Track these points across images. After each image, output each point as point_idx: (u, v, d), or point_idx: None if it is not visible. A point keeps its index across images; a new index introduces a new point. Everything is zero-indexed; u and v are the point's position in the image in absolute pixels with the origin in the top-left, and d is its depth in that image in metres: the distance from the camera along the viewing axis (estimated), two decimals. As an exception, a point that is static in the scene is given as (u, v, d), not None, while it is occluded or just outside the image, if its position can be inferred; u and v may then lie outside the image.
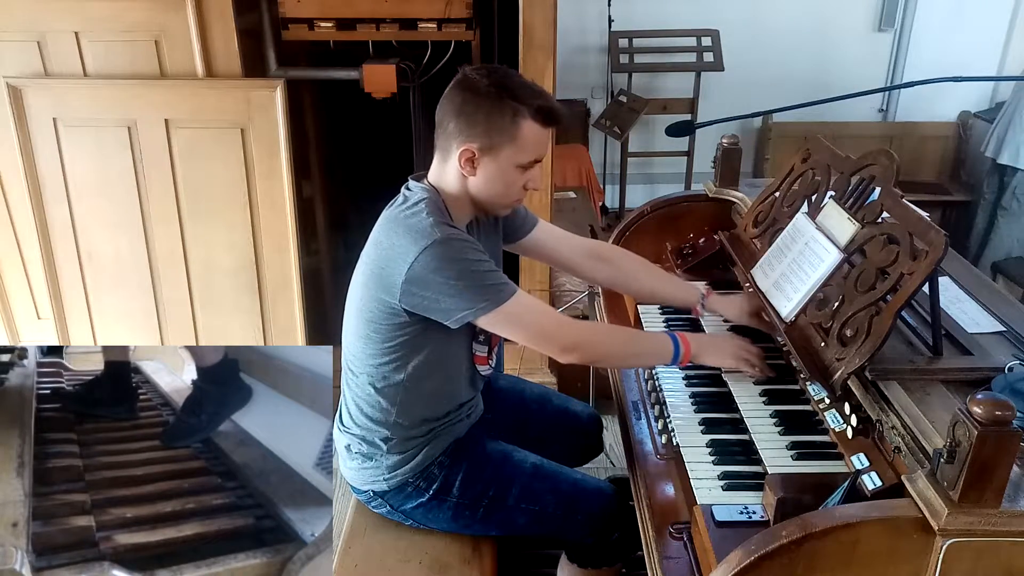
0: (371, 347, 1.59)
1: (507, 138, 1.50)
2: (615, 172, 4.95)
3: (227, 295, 2.86)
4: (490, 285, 1.50)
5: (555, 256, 1.89)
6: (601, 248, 1.94)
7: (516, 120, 1.49)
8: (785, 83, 4.40)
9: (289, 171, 2.69)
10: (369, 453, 1.67)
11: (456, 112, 1.52)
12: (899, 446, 1.26)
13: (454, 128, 1.52)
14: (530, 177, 1.57)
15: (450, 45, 2.71)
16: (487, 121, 1.50)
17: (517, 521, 1.69)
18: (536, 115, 1.50)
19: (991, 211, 4.12)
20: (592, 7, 4.64)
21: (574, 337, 1.59)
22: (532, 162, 1.55)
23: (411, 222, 1.51)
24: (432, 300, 1.48)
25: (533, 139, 1.52)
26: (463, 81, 1.53)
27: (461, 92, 1.52)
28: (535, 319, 1.57)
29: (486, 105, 1.49)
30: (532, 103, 1.50)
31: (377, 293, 1.53)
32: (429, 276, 1.46)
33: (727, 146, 2.16)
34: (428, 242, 1.46)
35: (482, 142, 1.51)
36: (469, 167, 1.53)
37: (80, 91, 2.62)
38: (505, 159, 1.52)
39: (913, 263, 1.35)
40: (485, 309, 1.49)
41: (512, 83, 1.52)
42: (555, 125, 1.57)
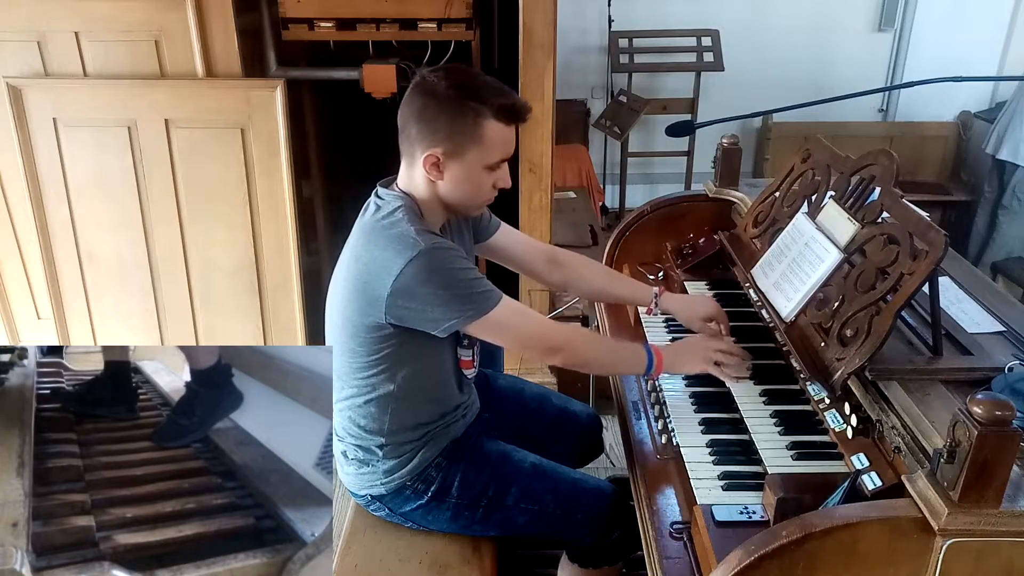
0: (357, 361, 1.58)
1: (471, 140, 1.48)
2: (615, 172, 4.96)
3: (227, 295, 2.86)
4: (477, 293, 1.49)
5: (515, 259, 1.89)
6: (556, 253, 1.94)
7: (479, 121, 1.47)
8: (785, 83, 4.41)
9: (289, 171, 2.69)
10: (365, 459, 1.67)
11: (416, 117, 1.49)
12: (899, 446, 1.26)
13: (416, 134, 1.49)
14: (499, 176, 1.55)
15: (450, 45, 2.71)
16: (449, 125, 1.47)
17: (516, 521, 1.68)
18: (499, 114, 1.48)
19: (992, 211, 4.12)
20: (592, 7, 4.64)
21: (557, 341, 1.61)
22: (499, 161, 1.53)
23: (393, 233, 1.48)
24: (419, 311, 1.48)
25: (498, 138, 1.50)
26: (421, 85, 1.50)
27: (420, 96, 1.49)
28: (520, 323, 1.58)
29: (447, 109, 1.46)
30: (494, 102, 1.47)
31: (360, 307, 1.52)
32: (416, 288, 1.45)
33: (727, 146, 2.16)
34: (414, 253, 1.44)
35: (445, 146, 1.48)
36: (435, 172, 1.51)
37: (80, 91, 2.62)
38: (471, 161, 1.50)
39: (913, 263, 1.35)
40: (472, 317, 1.49)
41: (472, 83, 1.49)
42: (519, 122, 1.54)
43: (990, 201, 4.14)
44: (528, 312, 1.66)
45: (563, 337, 1.64)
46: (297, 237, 2.78)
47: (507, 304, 1.54)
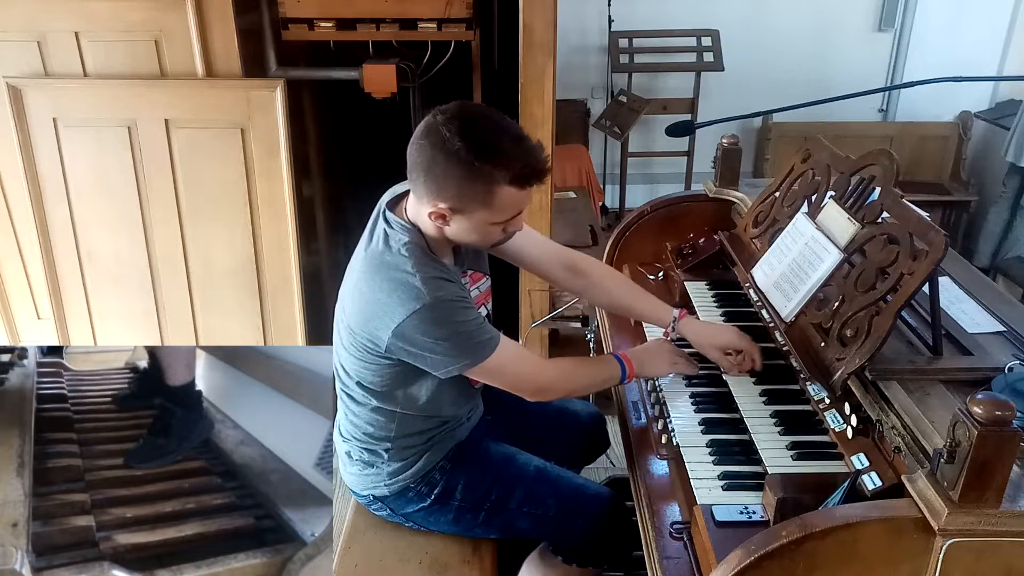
0: (365, 379, 1.59)
1: (480, 204, 1.42)
2: (615, 172, 4.95)
3: (227, 295, 2.86)
4: (476, 343, 1.49)
5: (530, 262, 1.83)
6: (578, 259, 1.86)
7: (491, 188, 1.39)
8: (785, 83, 4.40)
9: (289, 171, 2.69)
10: (370, 460, 1.67)
11: (425, 170, 1.41)
12: (899, 446, 1.26)
13: (423, 185, 1.43)
14: (511, 224, 1.50)
15: (450, 45, 2.71)
16: (459, 187, 1.40)
17: (518, 524, 1.69)
18: (514, 181, 1.40)
19: (1011, 209, 4.08)
20: (592, 7, 4.64)
21: (545, 382, 1.64)
22: (510, 219, 1.48)
23: (397, 277, 1.45)
24: (418, 356, 1.48)
25: (509, 202, 1.43)
26: (434, 135, 1.39)
27: (431, 149, 1.39)
28: (514, 369, 1.59)
29: (457, 171, 1.38)
30: (510, 168, 1.38)
31: (364, 338, 1.51)
32: (416, 337, 1.44)
33: (727, 146, 2.16)
34: (416, 306, 1.41)
35: (452, 204, 1.42)
36: (441, 221, 1.46)
37: (80, 91, 2.62)
38: (478, 220, 1.45)
39: (913, 263, 1.35)
40: (469, 365, 1.50)
41: (489, 144, 1.38)
42: (536, 184, 1.45)
43: (1007, 200, 4.10)
44: (523, 356, 1.67)
45: (550, 378, 1.65)
46: (297, 237, 2.78)
47: (503, 350, 1.53)
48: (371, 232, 1.55)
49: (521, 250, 1.79)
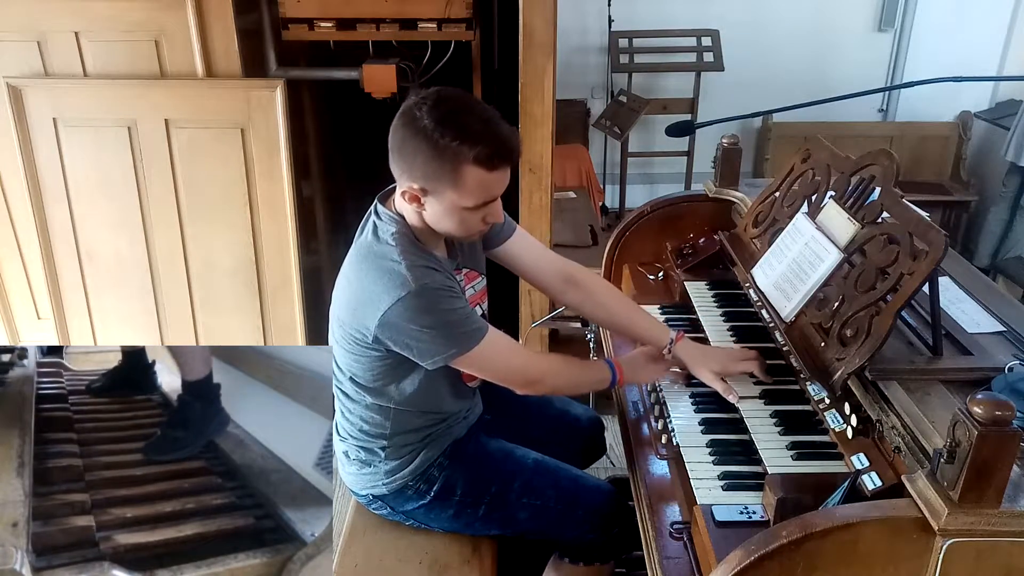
0: (358, 370, 1.59)
1: (448, 184, 1.41)
2: (615, 172, 4.95)
3: (227, 295, 2.86)
4: (462, 333, 1.49)
5: (527, 271, 1.81)
6: (575, 272, 1.83)
7: (456, 166, 1.39)
8: (785, 83, 4.39)
9: (289, 171, 2.69)
10: (367, 459, 1.67)
11: (397, 149, 1.43)
12: (899, 446, 1.26)
13: (397, 166, 1.45)
14: (487, 212, 1.49)
15: (450, 45, 2.71)
16: (425, 165, 1.40)
17: (518, 518, 1.69)
18: (478, 160, 1.39)
19: (1011, 209, 4.08)
20: (592, 7, 4.64)
21: (534, 374, 1.62)
22: (482, 204, 1.46)
23: (384, 265, 1.46)
24: (405, 345, 1.48)
25: (477, 184, 1.42)
26: (406, 114, 1.42)
27: (402, 128, 1.42)
28: (503, 360, 1.59)
29: (424, 148, 1.39)
30: (475, 146, 1.38)
31: (353, 329, 1.52)
32: (402, 324, 1.45)
33: (727, 146, 2.16)
34: (402, 293, 1.42)
35: (422, 184, 1.43)
36: (416, 203, 1.47)
37: (80, 91, 2.62)
38: (449, 202, 1.44)
39: (913, 263, 1.35)
40: (456, 354, 1.49)
41: (457, 120, 1.38)
42: (503, 167, 1.44)
43: (1007, 200, 4.10)
44: (512, 348, 1.66)
45: (540, 370, 1.65)
46: (297, 237, 2.78)
47: (490, 341, 1.53)
48: (363, 226, 1.57)
49: (518, 256, 1.78)
